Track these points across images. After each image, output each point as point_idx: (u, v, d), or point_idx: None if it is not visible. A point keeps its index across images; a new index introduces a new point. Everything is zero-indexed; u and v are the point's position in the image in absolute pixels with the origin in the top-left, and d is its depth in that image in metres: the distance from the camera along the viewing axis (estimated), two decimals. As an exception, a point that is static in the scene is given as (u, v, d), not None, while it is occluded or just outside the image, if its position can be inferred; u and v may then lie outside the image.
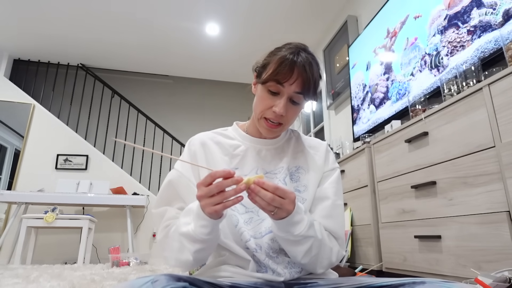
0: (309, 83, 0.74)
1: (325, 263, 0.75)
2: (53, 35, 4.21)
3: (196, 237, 0.66)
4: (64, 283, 1.56)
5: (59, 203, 3.52)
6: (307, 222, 0.68)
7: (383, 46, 2.47)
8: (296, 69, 0.72)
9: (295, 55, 0.73)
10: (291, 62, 0.72)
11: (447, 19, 1.81)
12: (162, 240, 0.76)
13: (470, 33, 1.64)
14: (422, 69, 1.99)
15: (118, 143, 4.65)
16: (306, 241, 0.69)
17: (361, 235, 2.08)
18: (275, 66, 0.74)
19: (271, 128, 0.78)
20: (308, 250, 0.70)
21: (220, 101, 5.48)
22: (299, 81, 0.73)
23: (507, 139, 1.14)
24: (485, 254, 1.20)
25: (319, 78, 0.79)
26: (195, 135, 0.88)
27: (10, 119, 4.25)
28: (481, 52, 1.55)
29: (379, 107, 2.42)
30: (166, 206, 0.79)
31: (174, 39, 4.30)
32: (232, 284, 0.69)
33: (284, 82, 0.73)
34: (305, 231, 0.67)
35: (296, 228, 0.67)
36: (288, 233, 0.67)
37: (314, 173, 0.84)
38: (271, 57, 0.77)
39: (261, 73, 0.78)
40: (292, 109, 0.77)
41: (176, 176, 0.81)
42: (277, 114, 0.75)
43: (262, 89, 0.77)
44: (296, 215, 0.66)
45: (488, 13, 1.54)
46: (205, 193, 0.60)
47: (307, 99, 0.77)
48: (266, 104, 0.76)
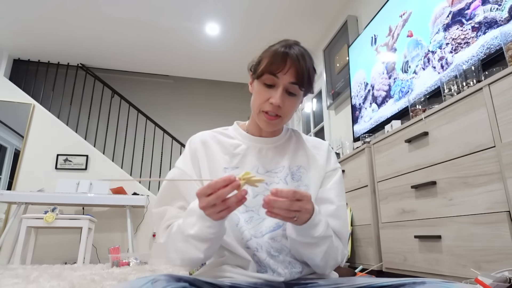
0: (302, 73, 0.75)
1: (333, 263, 0.75)
2: (53, 35, 4.21)
3: (204, 237, 0.66)
4: (64, 283, 1.56)
5: (59, 203, 3.52)
6: (325, 221, 0.69)
7: (385, 44, 2.46)
8: (289, 59, 0.74)
9: (287, 48, 0.76)
10: (283, 53, 0.74)
11: (451, 16, 1.80)
12: (165, 241, 0.75)
13: (474, 30, 1.63)
14: (425, 66, 1.98)
15: (118, 143, 4.65)
16: (324, 241, 0.69)
17: (361, 235, 2.08)
18: (269, 58, 0.76)
19: (270, 121, 0.78)
20: (326, 251, 0.71)
21: (220, 101, 5.48)
22: (293, 71, 0.74)
23: (507, 139, 1.14)
24: (485, 254, 1.20)
25: (313, 70, 0.80)
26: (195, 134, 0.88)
27: (10, 119, 4.25)
28: (487, 48, 1.53)
29: (381, 106, 2.42)
30: (166, 205, 0.79)
31: (174, 39, 4.30)
32: (232, 284, 0.69)
33: (278, 73, 0.75)
34: (324, 232, 0.68)
35: (316, 230, 0.67)
36: (307, 236, 0.67)
37: (315, 172, 0.84)
38: (265, 53, 0.79)
39: (256, 69, 0.79)
40: (289, 101, 0.78)
41: (178, 174, 0.81)
42: (274, 105, 0.75)
43: (258, 84, 0.79)
44: (316, 216, 0.66)
45: (494, 9, 1.53)
46: (207, 203, 0.60)
47: (302, 90, 0.78)
48: (263, 97, 0.77)
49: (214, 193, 0.59)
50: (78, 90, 4.78)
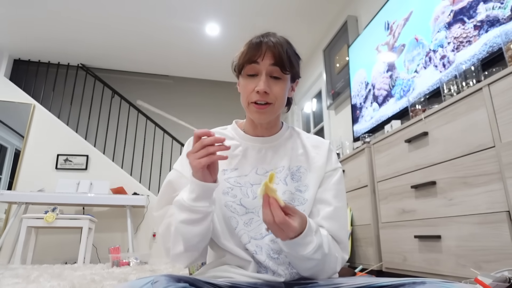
0: (280, 54, 0.75)
1: (330, 272, 0.75)
2: (53, 35, 4.21)
3: (184, 203, 0.68)
4: (64, 283, 1.56)
5: (59, 203, 3.52)
6: (316, 244, 0.67)
7: (386, 43, 2.46)
8: (263, 44, 0.76)
9: (262, 37, 0.78)
10: (258, 41, 0.77)
11: (452, 15, 1.79)
12: (163, 231, 0.77)
13: (477, 28, 1.62)
14: (427, 65, 1.98)
15: (118, 143, 4.65)
16: (312, 261, 0.69)
17: (361, 235, 2.08)
18: (245, 50, 0.78)
19: (260, 110, 0.77)
20: (312, 267, 0.70)
21: (220, 101, 5.47)
22: (270, 54, 0.75)
23: (507, 139, 1.14)
24: (485, 254, 1.20)
25: (294, 54, 0.80)
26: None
27: (10, 119, 4.25)
28: (490, 46, 1.52)
29: (382, 105, 2.41)
30: (167, 205, 0.79)
31: (174, 39, 4.30)
32: (232, 284, 0.69)
33: (256, 59, 0.76)
34: (311, 254, 0.66)
35: (303, 249, 0.66)
36: (293, 251, 0.67)
37: (315, 173, 0.82)
38: (242, 48, 0.81)
39: (238, 66, 0.81)
40: (276, 85, 0.77)
41: (176, 176, 0.81)
42: (260, 92, 0.75)
43: (242, 78, 0.80)
44: (306, 237, 0.65)
45: (496, 7, 1.52)
46: (191, 150, 0.66)
47: (286, 73, 0.77)
48: (249, 88, 0.77)
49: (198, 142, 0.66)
50: (78, 90, 4.78)
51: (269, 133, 0.86)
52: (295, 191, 0.80)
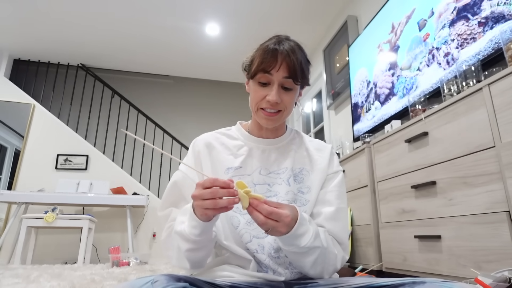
0: (294, 67, 0.75)
1: (331, 270, 0.75)
2: (53, 35, 4.21)
3: (187, 237, 0.67)
4: (64, 283, 1.56)
5: (59, 203, 3.52)
6: (313, 232, 0.68)
7: (388, 41, 2.45)
8: (279, 55, 0.75)
9: (277, 44, 0.76)
10: (273, 50, 0.75)
11: (456, 12, 1.78)
12: (165, 239, 0.76)
13: (481, 25, 1.61)
14: (430, 63, 1.97)
15: (118, 143, 4.65)
16: (313, 251, 0.69)
17: (361, 235, 2.08)
18: (260, 57, 0.76)
19: (269, 117, 0.78)
20: (315, 260, 0.70)
21: (220, 101, 5.48)
22: (285, 66, 0.75)
23: (507, 139, 1.14)
24: (485, 254, 1.20)
25: (306, 62, 0.80)
26: (198, 135, 0.88)
27: (10, 119, 4.25)
28: (495, 43, 1.50)
29: (385, 103, 2.40)
30: (171, 207, 0.80)
31: (174, 39, 4.30)
32: (232, 284, 0.69)
33: (270, 70, 0.75)
34: (311, 242, 0.67)
35: (302, 240, 0.66)
36: (293, 246, 0.67)
37: (317, 174, 0.84)
38: (256, 52, 0.79)
39: (250, 69, 0.80)
40: (286, 95, 0.78)
41: (181, 177, 0.82)
42: (272, 102, 0.76)
43: (253, 83, 0.79)
44: (300, 227, 0.65)
45: (501, 3, 1.51)
46: (200, 194, 0.61)
47: (298, 84, 0.78)
48: (259, 95, 0.78)
49: (210, 188, 0.60)
50: (78, 90, 4.78)
51: (274, 136, 0.87)
52: (297, 192, 0.81)
